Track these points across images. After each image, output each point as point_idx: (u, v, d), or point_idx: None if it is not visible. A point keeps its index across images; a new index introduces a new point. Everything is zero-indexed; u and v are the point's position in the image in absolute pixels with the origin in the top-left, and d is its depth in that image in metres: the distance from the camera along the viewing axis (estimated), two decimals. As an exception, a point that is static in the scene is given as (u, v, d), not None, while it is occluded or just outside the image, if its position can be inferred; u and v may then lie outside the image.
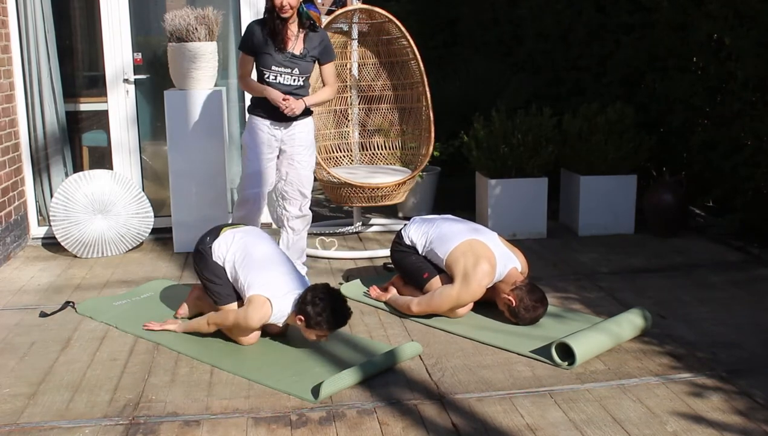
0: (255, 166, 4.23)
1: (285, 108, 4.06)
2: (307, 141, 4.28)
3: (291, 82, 4.12)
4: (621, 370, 3.21)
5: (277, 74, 4.09)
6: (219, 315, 3.47)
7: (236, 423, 2.81)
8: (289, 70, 4.10)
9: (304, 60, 4.12)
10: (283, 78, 4.10)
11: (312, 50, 4.13)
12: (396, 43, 5.47)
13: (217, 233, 3.60)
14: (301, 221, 4.39)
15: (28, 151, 5.31)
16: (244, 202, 4.30)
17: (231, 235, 3.58)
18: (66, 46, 5.42)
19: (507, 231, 5.21)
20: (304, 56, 4.11)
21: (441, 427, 2.78)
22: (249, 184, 4.26)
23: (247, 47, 4.11)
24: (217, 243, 3.54)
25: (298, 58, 4.10)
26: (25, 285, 4.47)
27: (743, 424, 2.76)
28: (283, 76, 4.10)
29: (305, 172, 4.31)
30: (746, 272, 4.52)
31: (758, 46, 4.76)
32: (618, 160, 5.37)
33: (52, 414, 2.89)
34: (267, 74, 4.10)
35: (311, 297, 3.24)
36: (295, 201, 4.34)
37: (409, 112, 5.56)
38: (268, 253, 3.55)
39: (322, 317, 3.21)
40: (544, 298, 3.67)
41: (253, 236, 3.64)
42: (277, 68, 4.08)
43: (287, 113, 4.08)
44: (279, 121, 4.17)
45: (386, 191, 5.02)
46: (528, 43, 6.72)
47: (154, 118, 5.56)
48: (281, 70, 4.09)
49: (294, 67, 4.10)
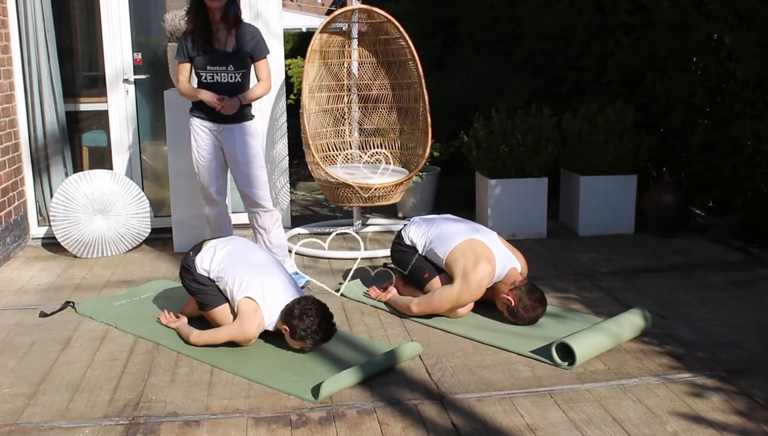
0: (202, 167, 4.30)
1: (220, 108, 4.09)
2: (247, 143, 4.28)
3: (228, 79, 4.14)
4: (621, 370, 3.21)
5: (213, 73, 4.12)
6: (209, 335, 3.47)
7: (236, 423, 2.81)
8: (224, 68, 4.12)
9: (237, 56, 4.13)
10: (219, 76, 4.13)
11: (244, 45, 4.14)
12: (395, 44, 5.47)
13: (200, 248, 3.67)
14: (268, 218, 4.37)
15: (28, 151, 5.32)
16: (209, 200, 4.38)
17: (212, 246, 3.65)
18: (66, 46, 5.42)
19: (507, 231, 5.21)
20: (238, 52, 4.13)
21: (441, 427, 2.78)
22: (204, 184, 4.34)
23: (182, 53, 4.15)
24: (199, 257, 3.60)
25: (232, 55, 4.12)
26: (25, 285, 4.47)
27: (743, 424, 2.76)
28: (219, 74, 4.12)
29: (251, 172, 4.29)
30: (746, 272, 4.52)
31: (758, 46, 4.76)
32: (618, 160, 5.37)
33: (52, 414, 2.89)
34: (203, 75, 4.14)
35: (299, 312, 3.27)
36: (251, 200, 4.33)
37: (407, 113, 5.56)
38: (258, 258, 3.60)
39: (307, 332, 3.26)
40: (543, 298, 3.67)
41: (237, 243, 3.70)
42: (212, 67, 4.11)
43: (222, 112, 4.12)
44: (218, 123, 4.23)
45: (383, 191, 5.02)
46: (528, 43, 6.72)
47: (154, 118, 5.56)
48: (216, 69, 4.11)
49: (228, 64, 4.11)
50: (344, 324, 3.79)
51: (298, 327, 3.25)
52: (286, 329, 3.31)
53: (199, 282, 3.56)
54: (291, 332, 3.29)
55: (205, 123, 4.26)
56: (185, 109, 4.96)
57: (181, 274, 3.66)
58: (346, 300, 4.14)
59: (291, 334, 3.30)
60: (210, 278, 3.54)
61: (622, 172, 5.41)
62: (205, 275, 3.55)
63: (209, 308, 3.54)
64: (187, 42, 4.13)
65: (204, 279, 3.55)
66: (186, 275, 3.62)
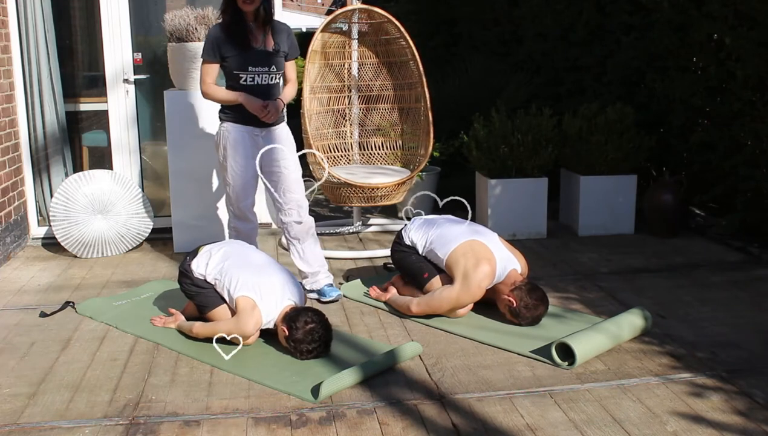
0: (240, 177, 3.96)
1: (265, 114, 3.83)
2: (292, 143, 4.07)
3: (269, 81, 3.90)
4: (621, 370, 3.21)
5: (254, 75, 3.85)
6: (209, 327, 3.48)
7: (236, 423, 2.81)
8: (266, 69, 3.87)
9: (278, 55, 3.90)
10: (261, 78, 3.87)
11: (282, 45, 3.92)
12: (395, 44, 5.47)
13: (195, 253, 3.67)
14: (300, 229, 4.10)
15: (28, 151, 5.32)
16: (242, 216, 4.06)
17: (207, 250, 3.65)
18: (66, 46, 5.42)
19: (507, 231, 5.21)
20: (277, 51, 3.90)
21: (441, 427, 2.78)
22: (241, 196, 4.01)
23: (212, 53, 3.83)
24: (195, 262, 3.60)
25: (272, 55, 3.88)
26: (25, 285, 4.47)
27: (743, 424, 2.76)
28: (260, 75, 3.87)
29: (296, 175, 4.05)
30: (746, 272, 4.52)
31: (758, 46, 4.76)
32: (618, 160, 5.37)
33: (52, 414, 2.89)
34: (243, 77, 3.85)
35: (302, 323, 3.27)
36: (291, 211, 4.06)
37: (408, 113, 5.56)
38: (256, 259, 3.61)
39: (302, 347, 3.27)
40: (544, 297, 3.67)
41: (233, 245, 3.70)
42: (254, 68, 3.84)
43: (266, 120, 3.87)
44: (261, 126, 3.95)
45: (385, 191, 5.02)
46: (528, 43, 6.72)
47: (154, 118, 5.56)
48: (258, 70, 3.85)
49: (270, 64, 3.88)
50: (344, 324, 3.79)
51: (297, 336, 3.26)
52: (284, 330, 3.32)
53: (197, 285, 3.56)
54: (288, 335, 3.30)
55: (246, 127, 3.91)
56: (185, 109, 4.99)
57: (179, 279, 3.66)
58: (346, 300, 4.14)
59: (286, 339, 3.31)
60: (207, 281, 3.55)
61: (622, 172, 5.41)
62: (202, 279, 3.55)
63: (208, 310, 3.54)
64: (219, 40, 3.81)
65: (201, 282, 3.56)
66: (184, 279, 3.62)
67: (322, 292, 4.10)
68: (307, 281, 4.17)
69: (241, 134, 3.93)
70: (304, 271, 4.15)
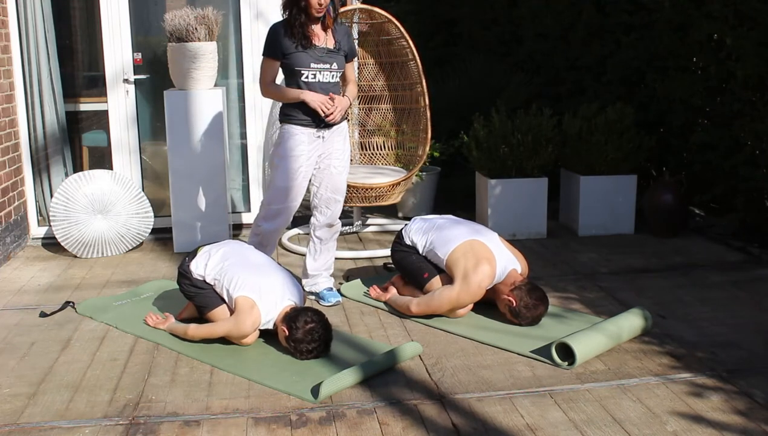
0: (289, 180, 3.89)
1: (330, 112, 3.77)
2: (345, 145, 4.02)
3: (330, 79, 3.84)
4: (621, 370, 3.21)
5: (316, 72, 3.79)
6: (206, 329, 3.48)
7: (236, 423, 2.81)
8: (328, 66, 3.81)
9: (338, 54, 3.86)
10: (322, 75, 3.81)
11: (343, 44, 3.88)
12: (395, 44, 5.47)
13: (194, 254, 3.66)
14: (328, 231, 4.10)
15: (28, 151, 5.32)
16: (274, 217, 3.99)
17: (206, 251, 3.64)
18: (66, 46, 5.42)
19: (507, 231, 5.21)
20: (338, 50, 3.86)
21: (441, 427, 2.78)
22: (280, 199, 3.94)
23: (275, 50, 3.79)
24: (194, 263, 3.60)
25: (334, 53, 3.84)
26: (25, 285, 4.47)
27: (743, 424, 2.76)
28: (322, 73, 3.81)
29: (343, 177, 4.04)
30: (746, 272, 4.52)
31: (758, 46, 4.76)
32: (618, 160, 5.37)
33: (52, 414, 2.89)
34: (305, 74, 3.78)
35: (302, 323, 3.27)
36: (327, 210, 4.03)
37: (408, 113, 5.56)
38: (255, 259, 3.61)
39: (302, 346, 3.27)
40: (544, 296, 3.67)
41: (232, 245, 3.70)
42: (316, 65, 3.78)
43: (330, 120, 3.81)
44: (323, 127, 3.88)
45: (381, 191, 5.01)
46: (528, 43, 6.72)
47: (154, 118, 5.56)
48: (320, 67, 3.79)
49: (332, 62, 3.82)
50: (344, 324, 3.79)
51: (297, 336, 3.26)
52: (284, 330, 3.32)
53: (196, 286, 3.56)
54: (288, 335, 3.30)
55: (307, 130, 3.84)
56: (185, 109, 4.99)
57: (179, 280, 3.66)
58: (346, 300, 4.14)
59: (286, 339, 3.31)
60: (207, 282, 3.54)
61: (622, 172, 5.41)
62: (201, 279, 3.55)
63: (207, 310, 3.54)
64: (282, 36, 3.76)
65: (201, 283, 3.56)
66: (183, 280, 3.62)
67: (321, 295, 4.10)
68: (306, 282, 4.17)
69: (301, 137, 3.87)
70: (308, 270, 4.16)
